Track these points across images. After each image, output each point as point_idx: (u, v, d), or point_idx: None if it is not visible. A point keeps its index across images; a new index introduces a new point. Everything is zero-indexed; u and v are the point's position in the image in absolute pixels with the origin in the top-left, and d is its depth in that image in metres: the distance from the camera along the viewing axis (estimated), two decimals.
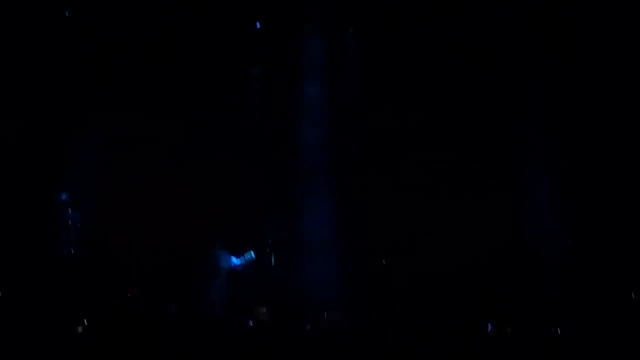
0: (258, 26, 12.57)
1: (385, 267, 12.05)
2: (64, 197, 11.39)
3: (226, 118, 12.62)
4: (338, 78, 12.83)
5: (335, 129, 12.68)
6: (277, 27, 12.73)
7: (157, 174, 12.51)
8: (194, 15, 12.48)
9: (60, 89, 12.11)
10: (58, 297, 9.73)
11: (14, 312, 8.16)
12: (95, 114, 12.29)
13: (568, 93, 12.11)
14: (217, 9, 12.57)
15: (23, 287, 10.04)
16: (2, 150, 11.87)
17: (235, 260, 11.28)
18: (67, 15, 12.26)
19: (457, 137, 12.46)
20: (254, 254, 11.34)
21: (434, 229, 12.33)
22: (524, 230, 12.22)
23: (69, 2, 12.32)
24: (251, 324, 9.06)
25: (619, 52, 11.95)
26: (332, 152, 12.59)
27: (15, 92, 11.98)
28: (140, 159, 12.47)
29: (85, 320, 8.38)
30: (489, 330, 9.23)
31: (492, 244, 12.06)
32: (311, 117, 12.69)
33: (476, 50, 12.30)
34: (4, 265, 10.80)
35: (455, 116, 12.44)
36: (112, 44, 12.33)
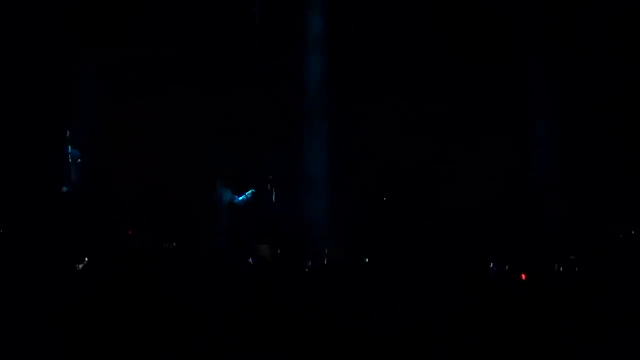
0: None
1: (387, 203, 12.09)
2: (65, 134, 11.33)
3: (226, 54, 12.49)
4: (341, 13, 12.61)
5: (336, 64, 12.53)
6: None
7: (157, 110, 12.42)
8: None
9: (58, 26, 11.98)
10: (58, 235, 9.85)
11: (14, 249, 8.09)
12: (95, 50, 12.21)
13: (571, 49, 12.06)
14: None
15: (23, 224, 10.20)
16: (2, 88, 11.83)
17: (236, 198, 11.35)
18: None
19: (461, 73, 12.35)
20: (255, 191, 11.42)
21: (436, 165, 12.31)
22: (525, 170, 12.29)
23: None
24: (251, 261, 8.96)
25: None
26: (333, 86, 12.47)
27: (13, 32, 11.87)
28: (140, 94, 12.38)
29: (84, 258, 8.11)
30: (491, 268, 9.01)
31: (494, 183, 12.10)
32: (313, 53, 12.52)
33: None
34: (4, 202, 10.86)
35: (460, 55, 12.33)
36: None
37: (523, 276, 8.60)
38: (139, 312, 6.07)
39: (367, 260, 9.78)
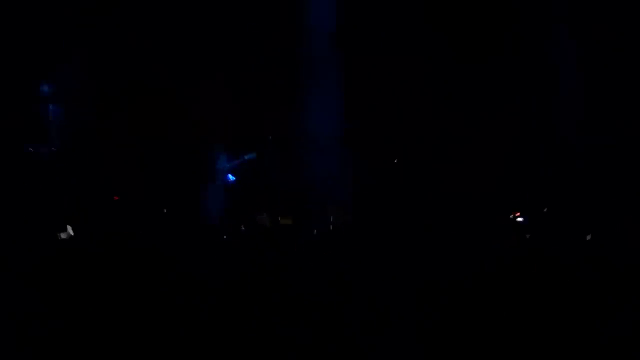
0: None
1: (398, 164, 11.77)
2: (45, 89, 11.05)
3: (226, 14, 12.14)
4: None
5: (345, 13, 12.14)
6: None
7: (150, 67, 12.06)
8: None
9: None
10: (39, 200, 9.81)
11: None
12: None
13: None
14: None
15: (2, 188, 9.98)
16: None
17: (233, 162, 11.21)
18: None
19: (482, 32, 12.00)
20: (255, 155, 11.33)
21: (452, 127, 12.00)
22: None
23: None
24: (244, 229, 9.02)
25: None
26: (339, 38, 12.09)
27: None
28: (133, 51, 12.01)
29: (69, 226, 8.56)
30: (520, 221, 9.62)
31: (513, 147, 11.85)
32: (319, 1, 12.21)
33: None
34: None
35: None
36: None
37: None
38: (127, 286, 6.39)
39: (377, 225, 9.84)
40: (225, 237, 8.30)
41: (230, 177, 11.09)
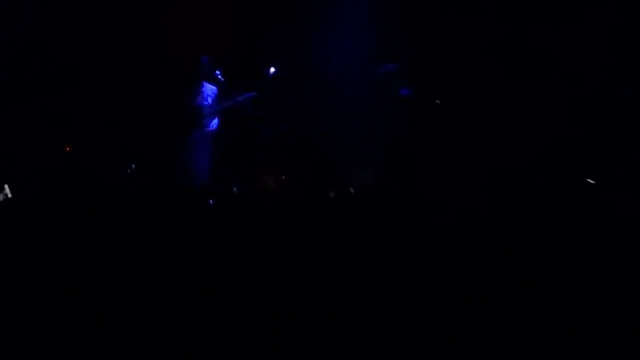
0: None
1: (439, 109, 10.46)
2: None
3: None
4: None
5: None
6: None
7: None
8: None
9: None
10: None
11: None
12: None
13: None
14: None
15: None
16: None
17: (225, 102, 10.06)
18: None
19: None
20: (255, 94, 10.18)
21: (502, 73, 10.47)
22: None
23: None
24: (237, 191, 8.23)
25: None
26: None
27: None
28: None
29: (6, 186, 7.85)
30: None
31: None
32: None
33: None
34: None
35: None
36: None
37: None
38: (79, 267, 5.69)
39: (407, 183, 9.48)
40: (211, 202, 7.62)
41: (215, 122, 9.91)
